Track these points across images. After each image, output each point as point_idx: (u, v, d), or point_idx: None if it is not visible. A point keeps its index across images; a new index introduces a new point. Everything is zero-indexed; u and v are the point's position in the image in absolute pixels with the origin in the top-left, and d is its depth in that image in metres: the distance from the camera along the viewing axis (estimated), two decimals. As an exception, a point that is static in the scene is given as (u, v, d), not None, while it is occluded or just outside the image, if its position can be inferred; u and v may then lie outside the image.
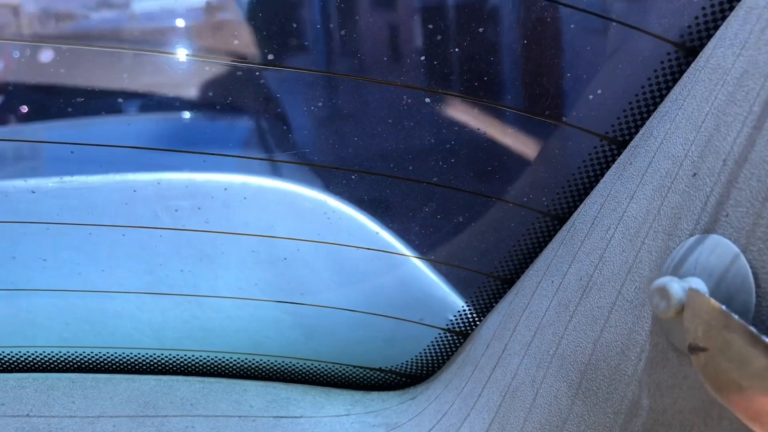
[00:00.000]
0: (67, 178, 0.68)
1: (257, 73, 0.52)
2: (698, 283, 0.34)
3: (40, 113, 0.63)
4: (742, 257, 0.33)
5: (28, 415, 0.58)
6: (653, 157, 0.41)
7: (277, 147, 0.61)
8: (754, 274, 0.32)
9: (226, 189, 0.65)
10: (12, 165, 0.67)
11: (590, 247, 0.44)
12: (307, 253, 0.64)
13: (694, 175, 0.37)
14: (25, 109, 0.63)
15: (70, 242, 0.67)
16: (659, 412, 0.37)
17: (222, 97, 0.59)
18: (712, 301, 0.31)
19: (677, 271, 0.36)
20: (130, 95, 0.62)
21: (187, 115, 0.62)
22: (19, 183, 0.69)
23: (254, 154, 0.63)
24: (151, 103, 0.62)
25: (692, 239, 0.36)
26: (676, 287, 0.33)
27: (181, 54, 0.57)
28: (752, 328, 0.29)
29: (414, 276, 0.62)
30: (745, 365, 0.29)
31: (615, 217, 0.43)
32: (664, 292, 0.33)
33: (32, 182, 0.69)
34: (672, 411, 0.37)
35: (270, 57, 0.51)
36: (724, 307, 0.30)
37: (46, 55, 0.59)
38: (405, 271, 0.61)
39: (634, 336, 0.39)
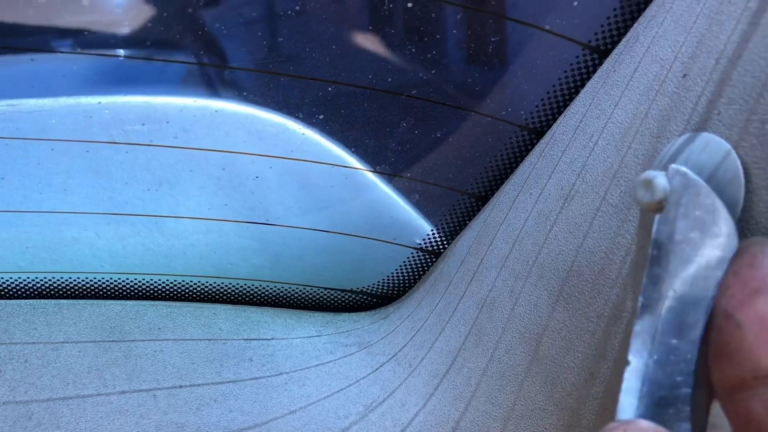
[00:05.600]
0: (16, 101, 0.64)
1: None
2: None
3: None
4: (734, 153, 0.33)
5: (-13, 342, 0.56)
6: (639, 62, 0.41)
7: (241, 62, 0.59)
8: (745, 169, 0.33)
9: (182, 114, 0.63)
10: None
11: (572, 157, 0.44)
12: (273, 178, 0.63)
13: (685, 76, 0.37)
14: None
15: (21, 169, 0.64)
16: (644, 312, 0.38)
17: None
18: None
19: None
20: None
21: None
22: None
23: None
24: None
25: (682, 138, 0.36)
26: (661, 177, 0.32)
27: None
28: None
29: (385, 198, 0.61)
30: None
31: (599, 125, 0.43)
32: (647, 183, 0.33)
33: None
34: (656, 310, 0.37)
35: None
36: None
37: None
38: (375, 192, 0.61)
39: (618, 239, 0.40)
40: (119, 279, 0.62)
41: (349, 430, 0.54)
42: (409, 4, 0.44)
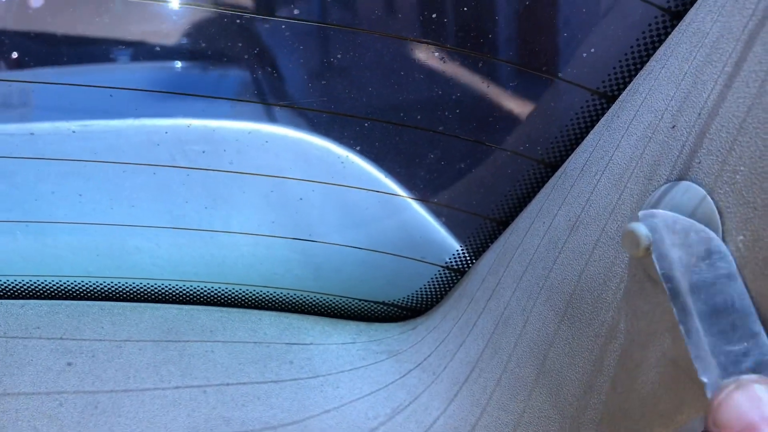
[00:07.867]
0: (88, 122, 0.71)
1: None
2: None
3: (34, 59, 0.66)
4: (709, 198, 0.38)
5: (61, 338, 0.64)
6: (637, 110, 0.46)
7: (287, 98, 0.65)
8: (719, 212, 0.38)
9: (237, 138, 0.70)
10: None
11: (579, 191, 0.49)
12: (316, 198, 0.69)
13: (673, 127, 0.42)
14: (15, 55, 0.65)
15: (93, 185, 0.71)
16: (635, 334, 0.43)
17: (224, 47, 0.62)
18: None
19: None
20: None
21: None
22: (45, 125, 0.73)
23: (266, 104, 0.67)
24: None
25: (667, 185, 0.41)
26: (641, 227, 0.37)
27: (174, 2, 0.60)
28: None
29: (416, 219, 0.67)
30: None
31: (602, 164, 0.48)
32: (631, 235, 0.38)
33: (57, 125, 0.72)
34: (646, 332, 0.42)
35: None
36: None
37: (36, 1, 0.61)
38: (408, 214, 0.67)
39: (614, 268, 0.45)
40: (176, 285, 0.69)
41: (377, 430, 0.60)
42: (436, 53, 0.50)
